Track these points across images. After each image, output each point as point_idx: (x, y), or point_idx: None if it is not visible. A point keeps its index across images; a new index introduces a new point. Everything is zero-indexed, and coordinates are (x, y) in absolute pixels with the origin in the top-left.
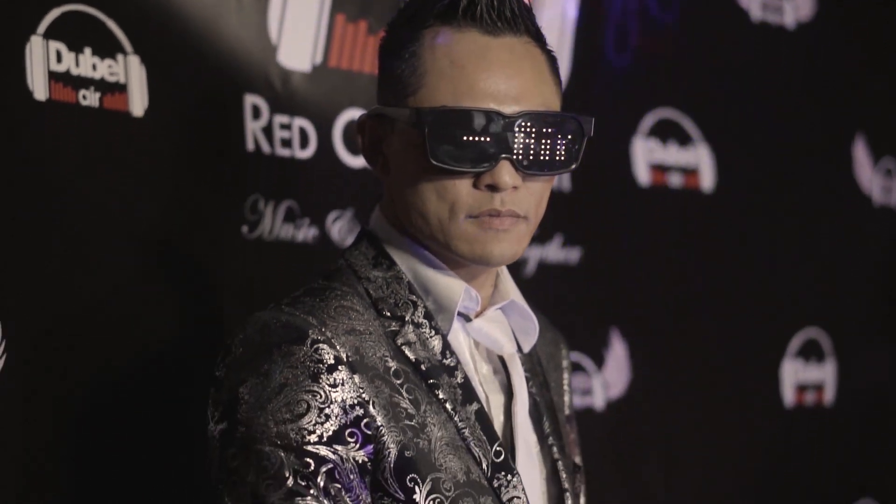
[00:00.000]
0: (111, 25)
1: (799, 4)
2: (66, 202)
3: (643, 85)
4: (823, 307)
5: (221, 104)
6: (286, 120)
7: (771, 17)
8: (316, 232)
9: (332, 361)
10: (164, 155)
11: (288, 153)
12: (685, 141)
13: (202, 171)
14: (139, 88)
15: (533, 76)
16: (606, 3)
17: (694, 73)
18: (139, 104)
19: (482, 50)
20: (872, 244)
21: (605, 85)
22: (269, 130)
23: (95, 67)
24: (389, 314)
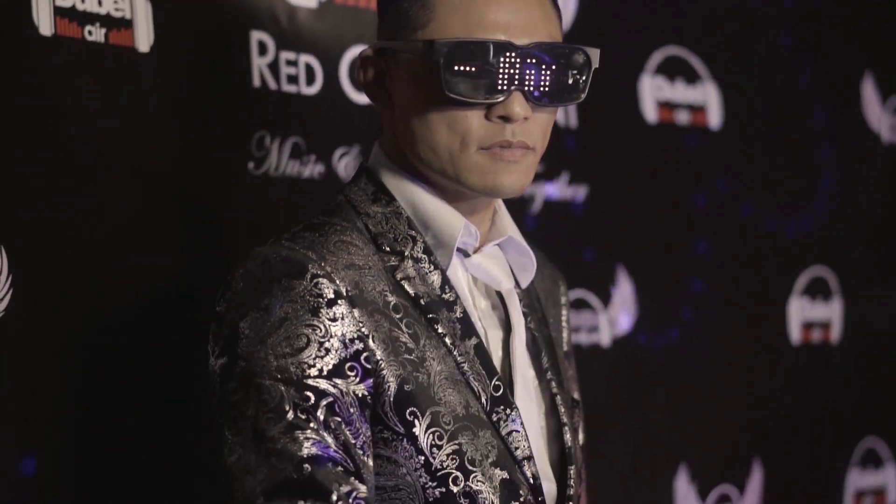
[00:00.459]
0: None
1: None
2: (71, 138)
3: (651, 23)
4: (831, 246)
5: (227, 40)
6: (292, 56)
7: None
8: (322, 168)
9: (331, 296)
10: (169, 91)
11: (294, 89)
12: (693, 78)
13: (208, 107)
14: (145, 24)
15: (539, 9)
16: None
17: (701, 10)
18: (145, 40)
19: None
20: (880, 183)
21: (612, 23)
22: (275, 67)
23: (101, 3)
24: (389, 249)
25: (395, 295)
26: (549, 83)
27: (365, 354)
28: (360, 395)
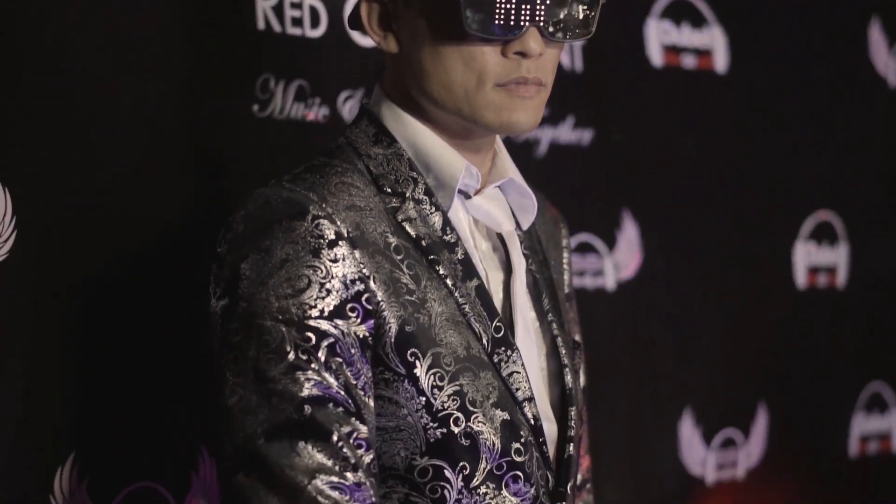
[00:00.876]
0: None
1: None
2: (75, 81)
3: None
4: (837, 190)
5: None
6: None
7: None
8: (327, 111)
9: (332, 237)
10: (174, 33)
11: (299, 32)
12: (699, 22)
13: (212, 49)
14: None
15: None
16: None
17: None
18: None
19: None
20: (887, 127)
21: None
22: (279, 9)
23: None
24: (390, 190)
25: (396, 236)
26: (562, 18)
27: (366, 295)
28: (361, 335)
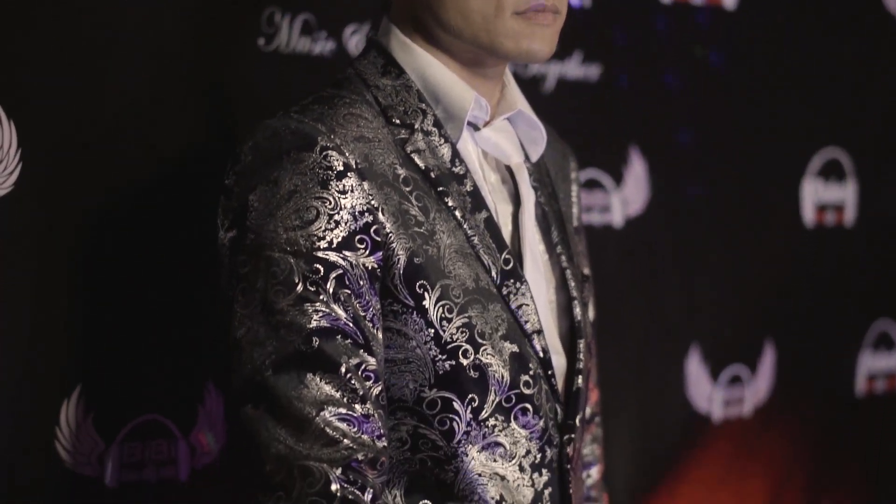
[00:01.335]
0: None
1: None
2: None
3: None
4: (844, 127)
5: None
6: None
7: None
8: (333, 45)
9: (341, 168)
10: None
11: None
12: None
13: None
14: None
15: None
16: None
17: None
18: None
19: None
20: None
21: None
22: None
23: None
24: (399, 122)
25: (404, 168)
26: None
27: (374, 227)
28: (369, 267)
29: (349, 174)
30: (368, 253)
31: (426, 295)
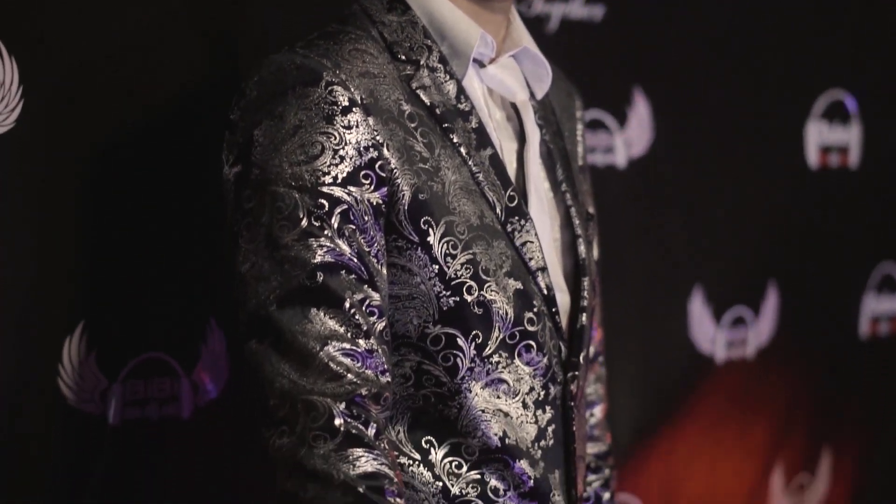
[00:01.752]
0: None
1: None
2: None
3: None
4: (848, 69)
5: None
6: None
7: None
8: None
9: (346, 103)
10: None
11: None
12: None
13: None
14: None
15: None
16: None
17: None
18: None
19: None
20: None
21: None
22: None
23: None
24: (404, 58)
25: (410, 104)
26: None
27: (379, 163)
28: (374, 203)
29: (354, 109)
30: (373, 188)
31: (430, 231)
